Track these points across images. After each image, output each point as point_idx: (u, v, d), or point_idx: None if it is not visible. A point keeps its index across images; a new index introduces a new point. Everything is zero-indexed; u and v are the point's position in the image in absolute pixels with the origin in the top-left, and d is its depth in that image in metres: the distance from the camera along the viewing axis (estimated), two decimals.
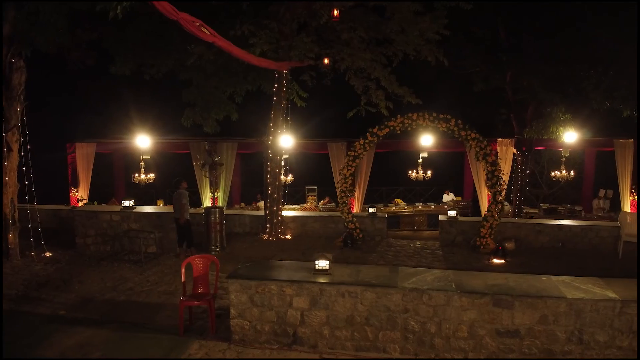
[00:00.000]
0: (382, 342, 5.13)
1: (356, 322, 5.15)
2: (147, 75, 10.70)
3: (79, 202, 13.41)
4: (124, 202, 9.78)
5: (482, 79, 14.11)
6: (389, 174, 19.46)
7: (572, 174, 13.52)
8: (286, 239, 9.99)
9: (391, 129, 9.10)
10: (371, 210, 10.28)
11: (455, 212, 9.79)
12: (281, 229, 10.11)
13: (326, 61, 10.25)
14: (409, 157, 14.21)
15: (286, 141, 12.16)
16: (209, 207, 9.42)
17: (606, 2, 11.49)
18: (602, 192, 13.77)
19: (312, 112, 15.85)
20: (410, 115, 8.92)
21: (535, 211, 14.81)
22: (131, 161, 14.43)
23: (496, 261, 8.26)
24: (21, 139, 8.78)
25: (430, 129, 9.18)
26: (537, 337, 4.83)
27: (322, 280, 5.25)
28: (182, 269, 5.84)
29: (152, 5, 4.55)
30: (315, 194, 14.82)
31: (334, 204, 14.03)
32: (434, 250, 9.17)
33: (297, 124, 13.51)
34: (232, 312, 5.35)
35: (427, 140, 11.97)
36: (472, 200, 14.73)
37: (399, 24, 8.80)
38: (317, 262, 5.44)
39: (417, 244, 9.60)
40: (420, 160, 13.39)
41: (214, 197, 13.88)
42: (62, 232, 10.33)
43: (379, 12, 9.13)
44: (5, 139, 8.50)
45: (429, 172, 13.55)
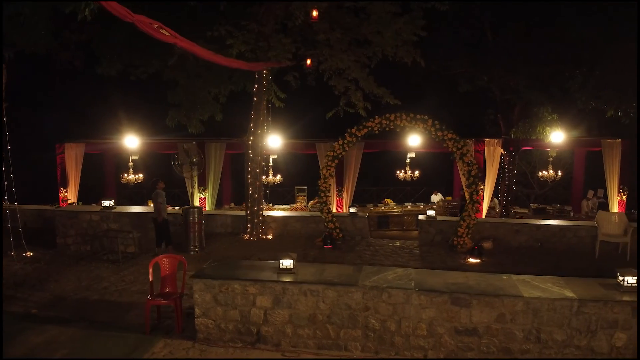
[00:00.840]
0: (344, 340, 5.16)
1: (318, 321, 5.18)
2: (134, 76, 10.73)
3: (66, 203, 13.45)
4: (104, 202, 9.84)
5: (467, 80, 14.16)
6: (379, 174, 19.50)
7: (559, 174, 13.52)
8: (267, 239, 10.02)
9: (369, 129, 9.15)
10: (352, 210, 10.30)
11: (434, 211, 9.80)
12: (262, 229, 10.15)
13: (309, 62, 10.28)
14: (400, 158, 14.21)
15: (273, 141, 12.18)
16: (187, 207, 9.47)
17: (593, 2, 11.52)
18: (591, 193, 13.75)
19: (301, 112, 15.91)
20: (387, 115, 8.96)
21: (524, 211, 14.81)
22: (122, 162, 14.48)
23: (472, 260, 8.28)
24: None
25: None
26: (495, 335, 4.85)
27: (285, 279, 5.28)
28: (150, 269, 5.91)
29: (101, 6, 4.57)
30: (305, 195, 14.84)
31: None
32: (411, 249, 9.18)
33: (285, 125, 13.52)
34: (197, 311, 5.39)
35: (414, 140, 11.98)
36: (461, 199, 14.75)
37: (375, 25, 8.83)
38: (281, 261, 5.47)
39: (397, 244, 9.62)
40: (407, 160, 13.41)
41: (204, 197, 13.95)
42: (46, 232, 10.37)
43: (357, 13, 9.15)
44: None
45: (417, 172, 13.57)
